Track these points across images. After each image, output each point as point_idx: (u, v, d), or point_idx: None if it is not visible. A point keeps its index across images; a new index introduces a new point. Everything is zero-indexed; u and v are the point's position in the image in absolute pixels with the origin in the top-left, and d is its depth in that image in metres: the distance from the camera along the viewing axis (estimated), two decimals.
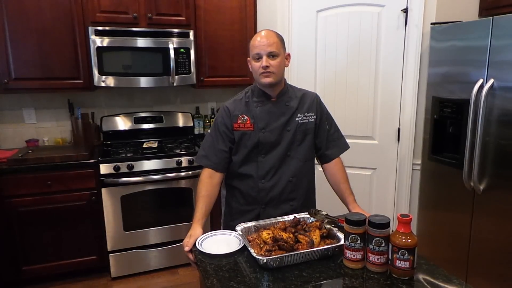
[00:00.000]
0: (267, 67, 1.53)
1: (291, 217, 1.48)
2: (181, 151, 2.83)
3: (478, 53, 2.10)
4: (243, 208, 1.70)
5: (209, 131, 1.72)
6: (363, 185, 2.82)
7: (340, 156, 1.73)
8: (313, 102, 1.68)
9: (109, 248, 2.70)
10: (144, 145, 2.98)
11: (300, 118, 1.65)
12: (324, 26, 2.72)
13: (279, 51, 1.55)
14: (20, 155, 2.55)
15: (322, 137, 1.70)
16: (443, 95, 2.34)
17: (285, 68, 1.63)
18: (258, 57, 1.55)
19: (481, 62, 2.08)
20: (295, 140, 1.65)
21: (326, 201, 1.84)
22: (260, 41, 1.54)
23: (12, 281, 2.57)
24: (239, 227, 1.43)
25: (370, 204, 2.82)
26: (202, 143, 1.72)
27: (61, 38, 2.62)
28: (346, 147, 1.76)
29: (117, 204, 2.66)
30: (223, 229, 1.75)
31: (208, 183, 1.60)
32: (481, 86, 2.06)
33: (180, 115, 3.28)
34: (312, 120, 1.67)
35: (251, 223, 1.46)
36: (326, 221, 1.46)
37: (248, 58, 1.61)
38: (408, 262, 1.14)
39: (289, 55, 1.64)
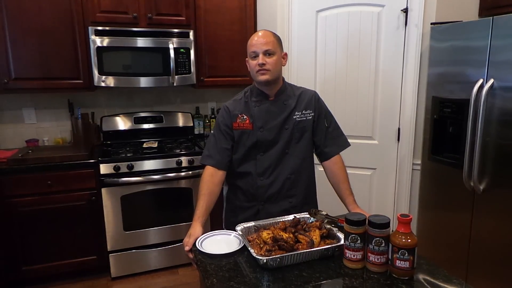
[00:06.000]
0: (263, 64, 1.55)
1: (291, 217, 1.48)
2: (181, 151, 2.83)
3: (478, 53, 2.09)
4: (243, 204, 1.72)
5: (212, 131, 1.75)
6: (363, 185, 2.82)
7: (340, 155, 1.73)
8: (311, 100, 1.69)
9: (109, 248, 2.70)
10: (144, 145, 2.98)
11: (298, 116, 1.66)
12: (324, 26, 2.72)
13: (275, 50, 1.58)
14: (20, 155, 2.55)
15: (320, 135, 1.71)
16: (443, 95, 2.34)
17: (283, 67, 1.66)
18: (255, 55, 1.57)
19: (481, 62, 2.08)
20: (293, 138, 1.66)
21: (327, 201, 1.84)
22: (256, 40, 1.57)
23: (12, 281, 2.57)
24: (239, 227, 1.43)
25: (370, 204, 2.82)
26: (206, 143, 1.75)
27: (61, 38, 2.62)
28: (346, 144, 1.75)
29: (117, 204, 2.66)
30: (224, 225, 1.77)
31: (210, 181, 1.61)
32: (481, 86, 2.05)
33: (180, 115, 3.28)
34: (310, 117, 1.68)
35: (251, 223, 1.46)
36: (326, 221, 1.46)
37: (247, 58, 1.64)
38: (408, 262, 1.14)
39: (286, 54, 1.67)
